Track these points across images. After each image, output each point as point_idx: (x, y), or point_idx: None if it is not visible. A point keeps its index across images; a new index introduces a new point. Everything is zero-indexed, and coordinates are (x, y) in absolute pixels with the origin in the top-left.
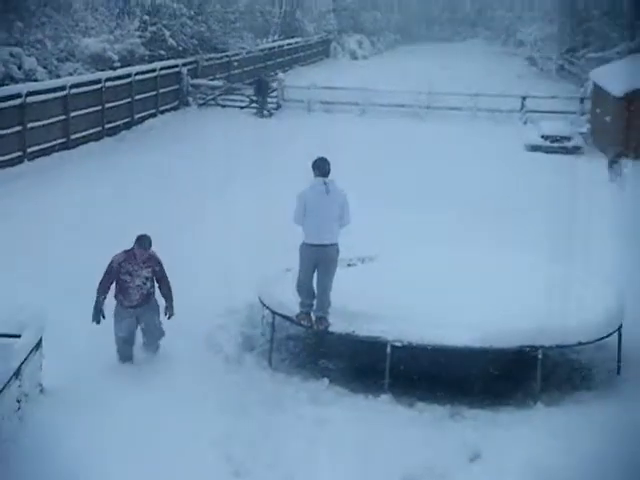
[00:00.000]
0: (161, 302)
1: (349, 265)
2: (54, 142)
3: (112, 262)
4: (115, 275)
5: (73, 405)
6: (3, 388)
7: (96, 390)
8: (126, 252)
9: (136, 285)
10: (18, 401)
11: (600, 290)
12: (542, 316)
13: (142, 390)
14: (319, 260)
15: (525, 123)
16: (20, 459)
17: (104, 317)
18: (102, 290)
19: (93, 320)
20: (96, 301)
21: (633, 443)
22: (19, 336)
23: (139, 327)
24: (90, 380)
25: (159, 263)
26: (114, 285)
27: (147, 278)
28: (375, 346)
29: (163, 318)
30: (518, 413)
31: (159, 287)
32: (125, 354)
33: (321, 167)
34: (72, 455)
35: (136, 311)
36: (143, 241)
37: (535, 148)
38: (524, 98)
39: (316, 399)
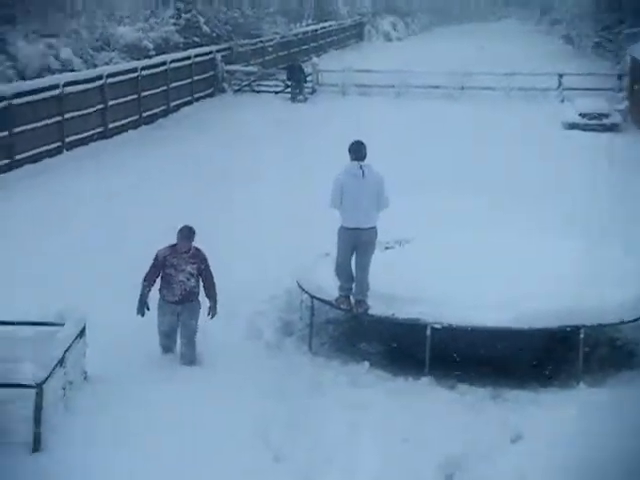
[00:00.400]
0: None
1: (387, 248)
2: (92, 132)
3: (157, 255)
4: (160, 268)
5: (117, 393)
6: (48, 376)
7: (140, 377)
8: (171, 246)
9: (179, 280)
10: (63, 389)
11: None
12: (583, 296)
13: (184, 377)
14: (357, 243)
15: (562, 101)
16: (65, 447)
17: (148, 309)
18: (147, 283)
19: (138, 313)
20: (141, 294)
21: None
22: (63, 324)
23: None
24: (134, 368)
25: (205, 260)
26: (159, 279)
27: (191, 274)
28: (415, 328)
29: (206, 318)
30: (561, 393)
31: (204, 285)
32: (167, 347)
33: (357, 151)
34: (116, 442)
35: (178, 307)
36: (184, 232)
37: (572, 126)
38: (561, 76)
39: (356, 382)
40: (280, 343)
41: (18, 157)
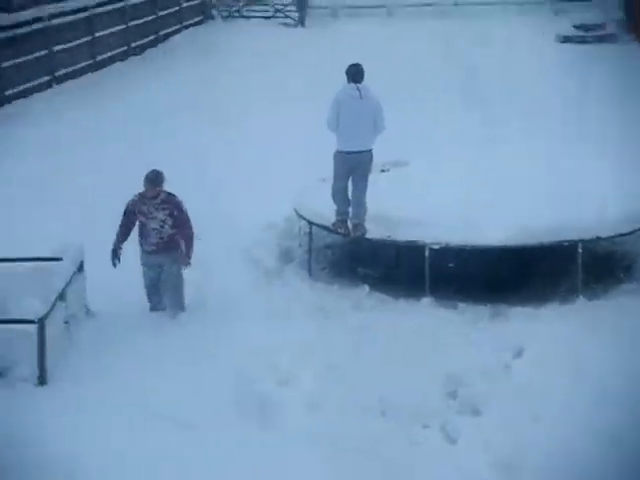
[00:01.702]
0: None
1: (382, 171)
2: (81, 64)
3: (127, 204)
4: (131, 217)
5: (119, 326)
6: (49, 310)
7: (141, 311)
8: (140, 193)
9: (152, 228)
10: (66, 323)
11: None
12: (581, 210)
13: (186, 305)
14: (353, 167)
15: (556, 14)
16: (71, 381)
17: (119, 261)
18: (119, 233)
19: (112, 263)
20: (113, 243)
21: None
22: (60, 259)
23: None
24: (135, 302)
25: (178, 205)
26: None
27: (163, 221)
28: (413, 250)
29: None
30: (561, 309)
31: (178, 232)
32: (154, 304)
33: (354, 73)
34: (122, 376)
35: (159, 257)
36: (150, 177)
37: (567, 39)
38: None
39: (358, 306)
40: (280, 270)
41: (7, 93)
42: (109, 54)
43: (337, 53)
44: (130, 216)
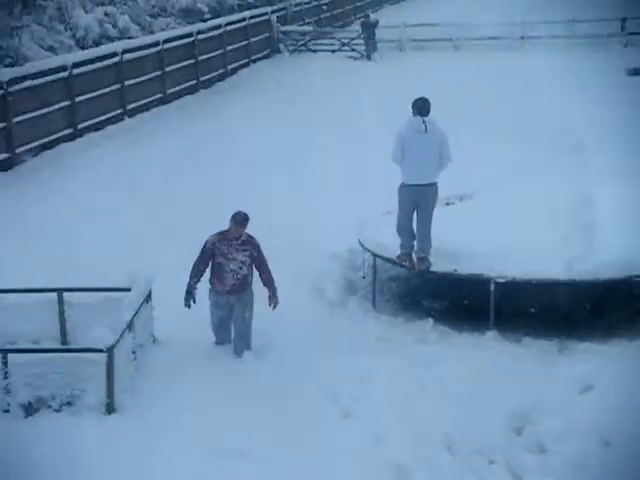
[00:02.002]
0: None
1: (448, 204)
2: (151, 98)
3: (206, 243)
4: (209, 257)
5: (186, 357)
6: (118, 340)
7: (208, 341)
8: (221, 232)
9: (231, 269)
10: (133, 352)
11: None
12: None
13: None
14: (419, 200)
15: (626, 46)
16: (138, 409)
17: (194, 302)
18: (195, 272)
19: (185, 304)
20: (188, 283)
21: None
22: (129, 289)
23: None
24: (201, 331)
25: (258, 247)
26: (209, 269)
27: (243, 263)
28: (478, 283)
29: (268, 309)
30: (629, 345)
31: (260, 275)
32: (220, 340)
33: (420, 107)
34: (188, 405)
35: (230, 298)
36: (238, 218)
37: (637, 72)
38: (624, 20)
39: (422, 339)
40: (344, 302)
41: (80, 126)
42: (178, 87)
43: (403, 86)
44: (208, 255)
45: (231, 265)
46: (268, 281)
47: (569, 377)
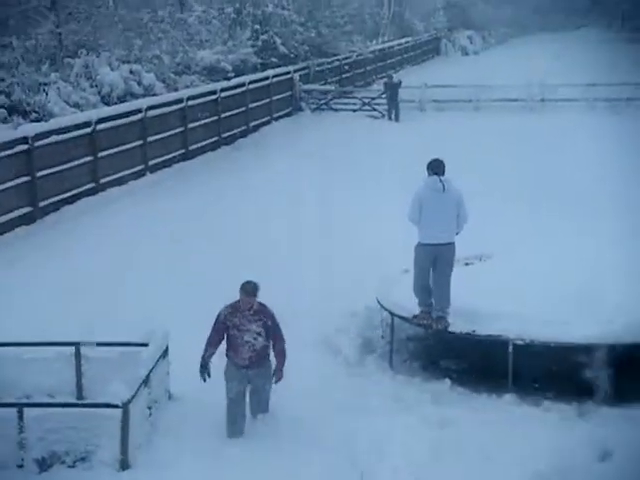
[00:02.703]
0: None
1: (467, 264)
2: (174, 153)
3: (219, 315)
4: (222, 330)
5: (202, 413)
6: (134, 396)
7: (222, 397)
8: (232, 304)
9: (246, 341)
10: (149, 408)
11: None
12: None
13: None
14: (436, 259)
15: None
16: (152, 466)
17: (209, 375)
18: (209, 345)
19: (201, 378)
20: (202, 357)
21: None
22: (146, 345)
23: (248, 390)
24: (217, 386)
25: (272, 317)
26: (225, 341)
27: (258, 333)
28: (496, 345)
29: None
30: None
31: (272, 344)
32: (234, 419)
33: (436, 167)
34: (202, 463)
35: (248, 372)
36: (247, 288)
37: None
38: None
39: (439, 400)
40: (361, 360)
41: (102, 181)
42: (200, 144)
43: (424, 145)
44: (221, 329)
45: (245, 337)
46: (280, 353)
47: (588, 442)
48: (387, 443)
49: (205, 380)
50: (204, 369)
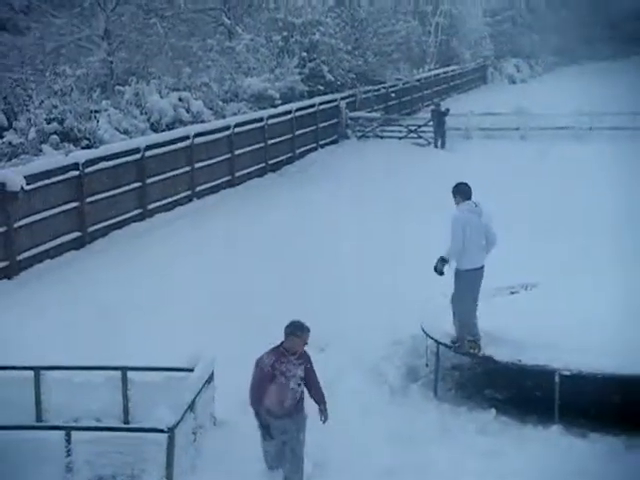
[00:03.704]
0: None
1: (512, 293)
2: (220, 180)
3: (261, 364)
4: (269, 381)
5: (245, 438)
6: (179, 421)
7: None
8: (276, 349)
9: (291, 388)
10: (194, 433)
11: None
12: None
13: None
14: (480, 283)
15: None
16: None
17: (272, 437)
18: (258, 401)
19: (264, 439)
20: (257, 416)
21: None
22: (192, 370)
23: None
24: None
25: (310, 359)
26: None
27: (301, 378)
28: (543, 375)
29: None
30: None
31: (312, 387)
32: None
33: (467, 191)
34: None
35: (286, 422)
36: (302, 331)
37: None
38: None
39: (484, 430)
40: (406, 389)
41: (150, 207)
42: (247, 170)
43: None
44: (268, 379)
45: (291, 384)
46: (321, 395)
47: (636, 475)
48: (430, 473)
49: (273, 438)
50: (267, 429)
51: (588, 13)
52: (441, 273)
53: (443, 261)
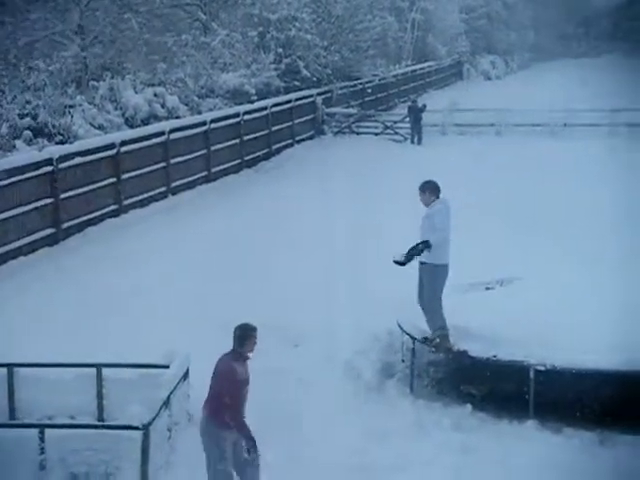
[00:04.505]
0: None
1: (487, 289)
2: (196, 176)
3: (234, 372)
4: (243, 390)
5: None
6: (154, 417)
7: None
8: (234, 357)
9: (246, 398)
10: (169, 430)
11: None
12: None
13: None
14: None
15: None
16: None
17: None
18: (237, 414)
19: (255, 455)
20: (250, 440)
21: None
22: (168, 367)
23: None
24: None
25: None
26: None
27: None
28: (518, 370)
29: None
30: None
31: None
32: None
33: (438, 188)
34: None
35: (237, 435)
36: (254, 329)
37: None
38: None
39: (459, 425)
40: (381, 384)
41: (125, 202)
42: (223, 166)
43: (447, 168)
44: (242, 389)
45: (246, 392)
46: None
47: (610, 470)
48: (405, 469)
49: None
50: (254, 442)
51: (563, 10)
52: (409, 261)
53: (428, 247)
